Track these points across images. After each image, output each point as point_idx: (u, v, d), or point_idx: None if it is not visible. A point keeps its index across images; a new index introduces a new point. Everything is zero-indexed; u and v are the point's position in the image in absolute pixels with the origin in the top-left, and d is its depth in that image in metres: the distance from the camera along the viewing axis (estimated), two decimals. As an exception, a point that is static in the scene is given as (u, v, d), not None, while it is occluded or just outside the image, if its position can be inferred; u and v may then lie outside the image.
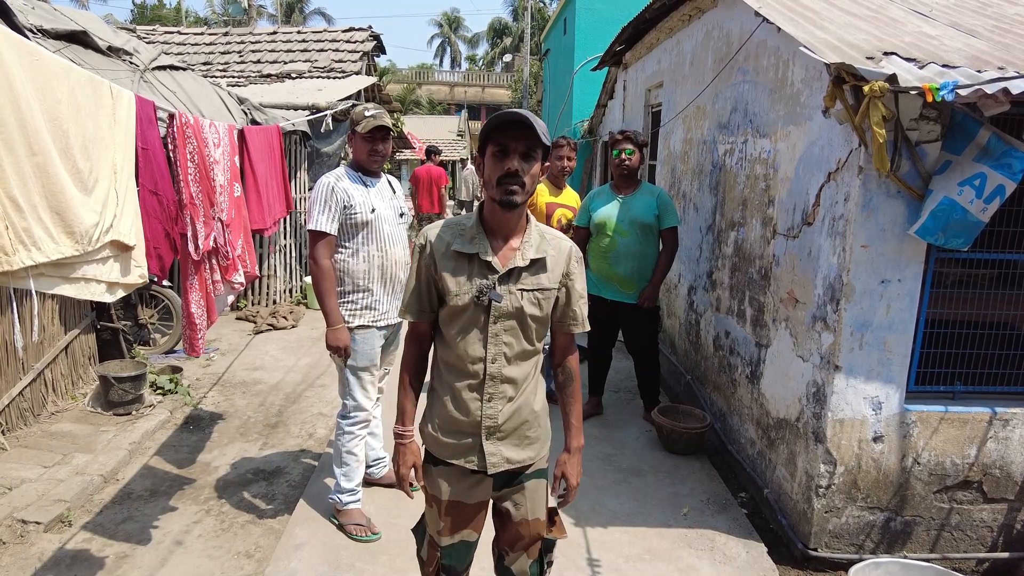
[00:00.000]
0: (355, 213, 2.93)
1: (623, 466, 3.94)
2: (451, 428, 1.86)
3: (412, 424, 1.94)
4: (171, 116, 2.41)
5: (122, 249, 1.99)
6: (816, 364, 3.04)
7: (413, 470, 1.94)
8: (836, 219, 2.92)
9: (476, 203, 11.11)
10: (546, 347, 2.04)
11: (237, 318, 7.24)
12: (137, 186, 2.10)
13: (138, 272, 2.09)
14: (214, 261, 2.68)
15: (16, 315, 1.81)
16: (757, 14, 3.45)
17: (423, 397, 1.98)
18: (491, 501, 1.98)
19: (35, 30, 5.22)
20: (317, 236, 2.92)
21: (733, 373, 4.06)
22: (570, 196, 4.65)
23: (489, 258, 1.77)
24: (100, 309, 5.04)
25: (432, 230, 1.84)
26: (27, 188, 1.62)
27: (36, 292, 1.72)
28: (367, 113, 2.94)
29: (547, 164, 1.79)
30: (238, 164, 2.99)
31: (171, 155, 2.38)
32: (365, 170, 3.05)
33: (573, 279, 1.88)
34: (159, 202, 2.23)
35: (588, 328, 1.95)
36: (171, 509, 3.48)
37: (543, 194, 4.56)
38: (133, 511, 3.45)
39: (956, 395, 3.02)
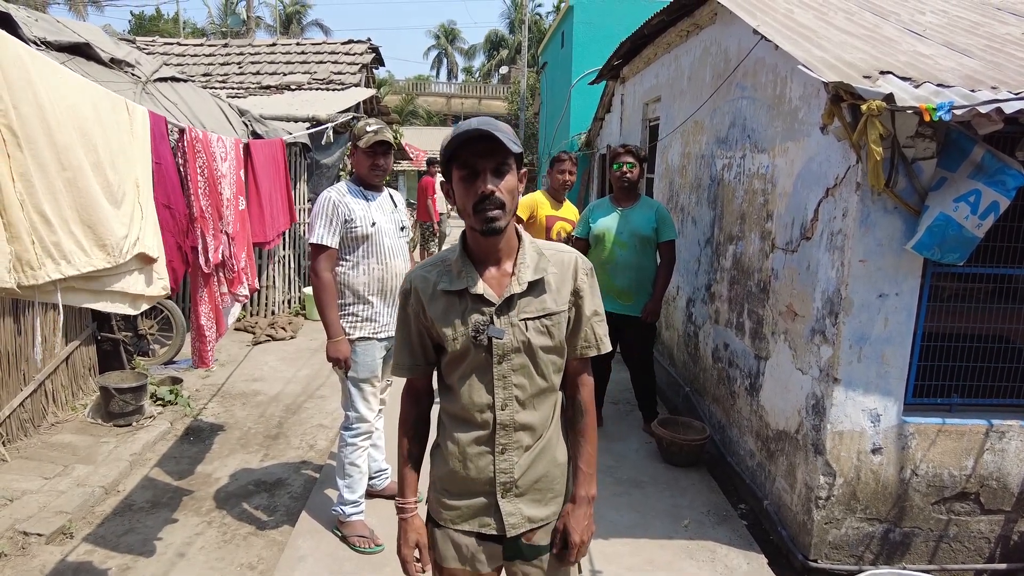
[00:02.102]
0: (356, 227, 2.97)
1: (623, 478, 3.96)
2: (460, 488, 1.62)
3: (415, 495, 1.68)
4: (181, 131, 2.44)
5: (147, 262, 2.02)
6: (815, 377, 3.08)
7: (418, 550, 1.66)
8: (834, 234, 2.96)
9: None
10: None
11: (236, 329, 7.24)
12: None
13: (160, 284, 2.12)
14: (221, 274, 2.71)
15: (36, 328, 1.81)
16: (755, 32, 3.51)
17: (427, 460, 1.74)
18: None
19: (39, 42, 5.26)
20: (318, 249, 2.95)
21: (732, 385, 4.09)
22: (569, 210, 4.73)
23: (480, 290, 1.54)
24: (100, 320, 5.05)
25: (415, 273, 1.62)
26: (57, 202, 1.64)
27: (40, 304, 1.74)
28: (369, 128, 2.98)
29: (523, 172, 1.56)
30: (243, 178, 3.03)
31: (181, 169, 2.42)
32: (366, 184, 3.10)
33: (583, 295, 1.62)
34: (172, 216, 2.26)
35: (608, 350, 1.69)
36: (173, 521, 3.48)
37: (543, 207, 4.62)
38: (135, 523, 3.45)
39: (953, 407, 3.06)
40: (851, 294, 2.87)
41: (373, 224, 3.05)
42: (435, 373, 1.70)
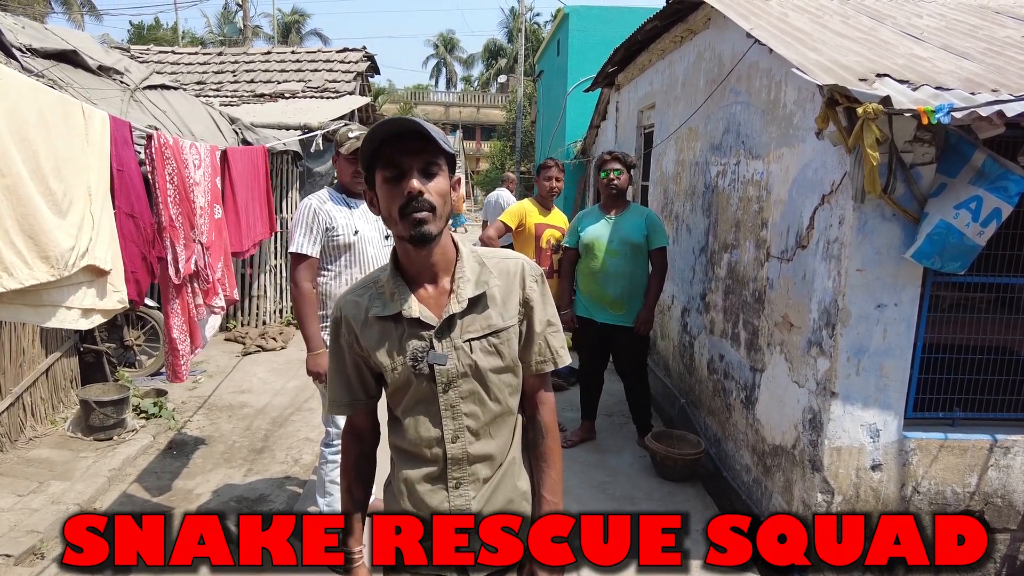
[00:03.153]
0: (337, 235, 2.88)
1: (616, 494, 3.85)
2: None
3: (359, 544, 1.52)
4: (149, 137, 2.35)
5: (98, 274, 1.92)
6: (812, 390, 2.97)
7: None
8: (831, 242, 2.86)
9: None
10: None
11: (226, 339, 7.14)
12: (113, 208, 2.04)
13: (116, 297, 2.01)
14: (195, 285, 2.61)
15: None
16: (749, 35, 3.43)
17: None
18: None
19: (24, 49, 5.19)
20: (298, 259, 2.86)
21: (728, 398, 3.99)
22: (558, 217, 4.68)
23: (415, 313, 1.38)
24: (83, 331, 4.94)
25: (345, 299, 1.47)
26: (-5, 210, 1.53)
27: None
28: (351, 135, 2.89)
29: (456, 178, 1.44)
30: (219, 185, 2.93)
31: (149, 176, 2.32)
32: (349, 192, 3.00)
33: (533, 304, 1.46)
34: (136, 225, 2.17)
35: (566, 362, 1.55)
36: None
37: (532, 214, 4.53)
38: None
39: (955, 422, 2.95)
40: (848, 304, 2.76)
41: (356, 233, 2.95)
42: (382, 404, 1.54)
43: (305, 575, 1.92)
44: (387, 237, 3.12)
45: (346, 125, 3.00)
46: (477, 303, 1.41)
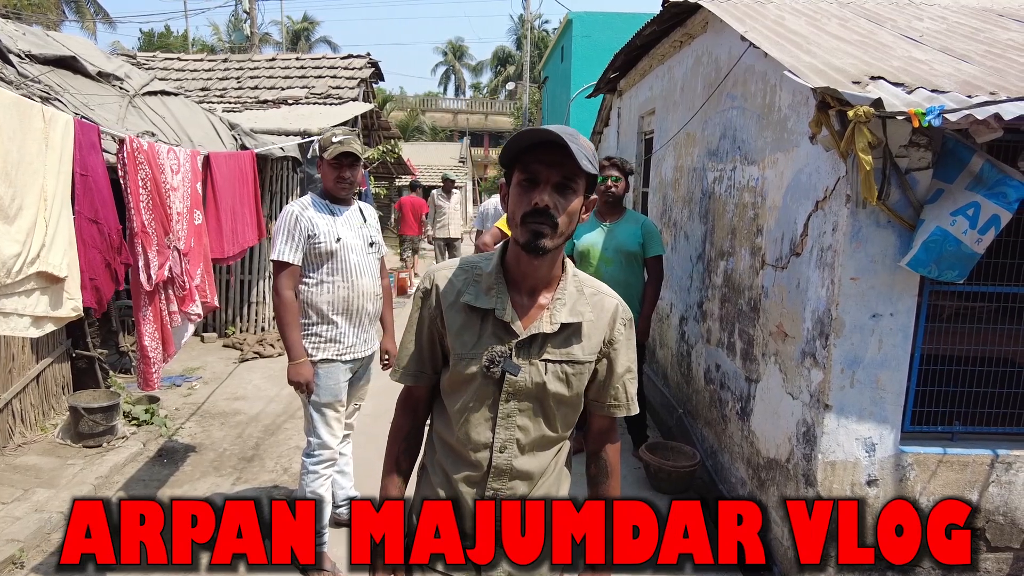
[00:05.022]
0: (319, 242, 2.82)
1: (608, 506, 3.76)
2: None
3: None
4: (121, 141, 2.31)
5: (51, 281, 1.87)
6: (806, 402, 2.88)
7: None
8: (824, 250, 2.78)
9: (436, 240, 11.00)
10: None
11: (224, 345, 7.12)
12: (74, 214, 1.99)
13: (71, 305, 1.96)
14: (170, 291, 2.56)
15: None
16: (743, 38, 3.36)
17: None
18: None
19: (23, 55, 5.20)
20: (280, 266, 2.80)
21: (724, 408, 3.89)
22: None
23: (507, 317, 1.38)
24: (76, 337, 4.92)
25: (440, 272, 1.46)
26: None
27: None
28: (334, 139, 2.83)
29: (593, 197, 1.40)
30: (200, 191, 2.88)
31: (122, 181, 2.28)
32: (333, 197, 2.95)
33: (617, 349, 1.46)
34: (99, 231, 2.12)
35: (635, 412, 1.53)
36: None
37: None
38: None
39: (955, 436, 2.85)
40: (842, 314, 2.68)
41: (338, 240, 2.89)
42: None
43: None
44: (371, 245, 3.06)
45: (331, 130, 2.95)
46: (565, 329, 1.41)
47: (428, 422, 1.58)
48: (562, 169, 1.29)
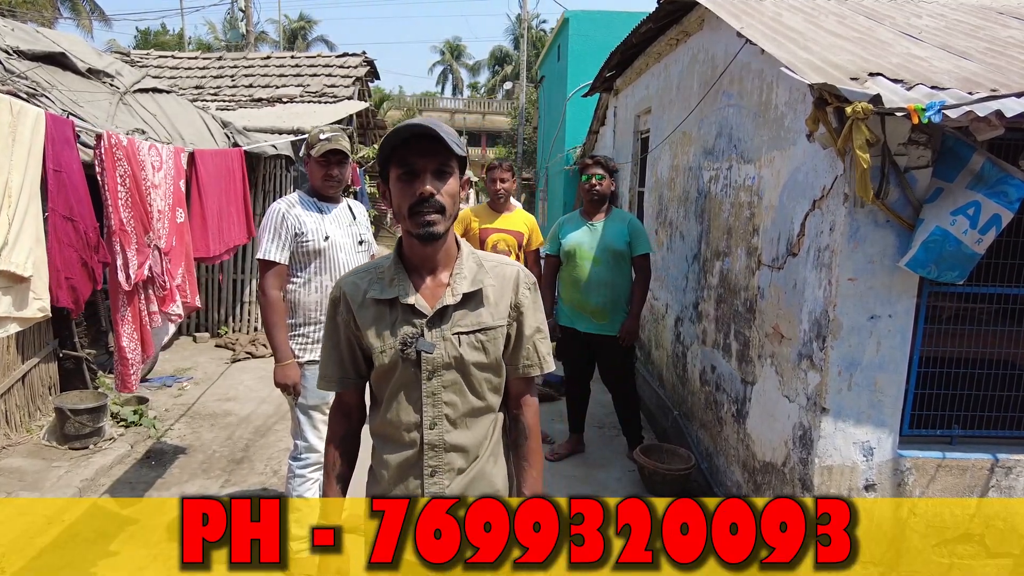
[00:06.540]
0: (307, 241, 2.76)
1: (602, 510, 3.70)
2: None
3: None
4: (98, 137, 2.24)
5: (16, 280, 1.80)
6: (802, 405, 2.83)
7: None
8: (821, 250, 2.73)
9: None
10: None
11: (216, 345, 7.05)
12: (48, 211, 1.92)
13: (37, 305, 1.89)
14: (150, 291, 2.49)
15: None
16: (740, 35, 3.30)
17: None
18: None
19: (10, 51, 5.13)
20: (266, 265, 2.74)
21: (719, 410, 3.84)
22: (515, 219, 4.33)
23: (411, 300, 1.46)
24: (63, 337, 4.85)
25: (346, 279, 1.54)
26: None
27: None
28: (322, 136, 2.78)
29: (465, 179, 1.50)
30: (183, 188, 2.82)
31: (99, 178, 2.21)
32: (321, 195, 2.89)
33: (524, 310, 1.54)
34: (75, 228, 2.05)
35: (551, 369, 1.62)
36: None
37: (477, 220, 4.27)
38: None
39: (954, 440, 2.80)
40: (839, 315, 2.62)
41: (326, 238, 2.84)
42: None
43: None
44: (361, 243, 3.00)
45: (319, 127, 2.88)
46: (470, 299, 1.49)
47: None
48: (437, 156, 1.39)
